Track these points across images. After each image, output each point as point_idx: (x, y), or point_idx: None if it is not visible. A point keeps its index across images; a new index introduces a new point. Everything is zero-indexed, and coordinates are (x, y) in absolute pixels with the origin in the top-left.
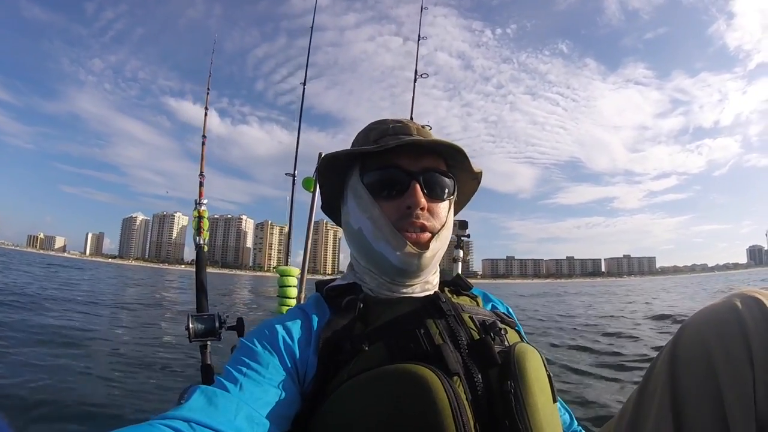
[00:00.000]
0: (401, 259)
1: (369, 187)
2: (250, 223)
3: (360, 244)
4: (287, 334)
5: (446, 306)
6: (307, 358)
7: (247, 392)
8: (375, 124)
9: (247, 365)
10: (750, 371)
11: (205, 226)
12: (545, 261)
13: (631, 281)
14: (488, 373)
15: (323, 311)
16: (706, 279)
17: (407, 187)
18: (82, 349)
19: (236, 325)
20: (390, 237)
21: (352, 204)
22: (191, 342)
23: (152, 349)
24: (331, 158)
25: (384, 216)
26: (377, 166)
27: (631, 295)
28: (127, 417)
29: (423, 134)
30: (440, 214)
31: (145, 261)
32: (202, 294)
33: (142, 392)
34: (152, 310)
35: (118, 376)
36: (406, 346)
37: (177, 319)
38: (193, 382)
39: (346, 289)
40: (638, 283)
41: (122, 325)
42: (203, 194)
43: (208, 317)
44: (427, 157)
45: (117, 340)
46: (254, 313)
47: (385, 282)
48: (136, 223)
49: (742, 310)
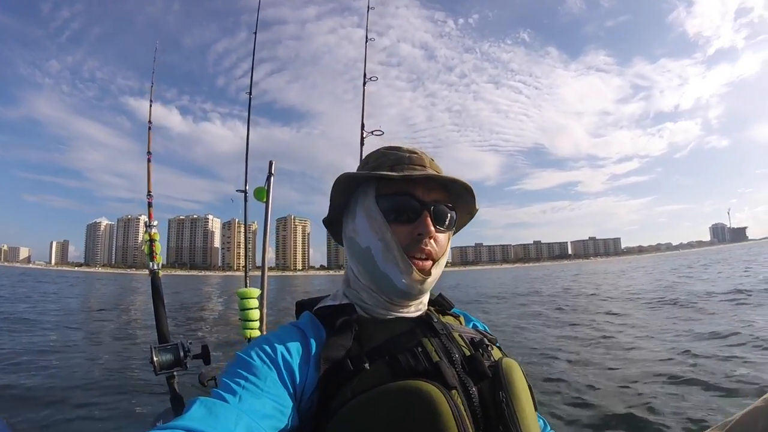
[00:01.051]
0: (406, 284)
1: (384, 210)
2: (217, 223)
3: (366, 263)
4: (286, 350)
5: (438, 325)
6: (305, 376)
7: (246, 404)
8: (388, 149)
9: (245, 378)
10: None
11: (157, 250)
12: (513, 246)
13: (597, 263)
14: (481, 386)
15: (319, 330)
16: (667, 259)
17: (419, 216)
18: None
19: (201, 353)
20: (399, 261)
21: (362, 223)
22: (157, 375)
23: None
24: (349, 179)
25: (395, 240)
26: (394, 191)
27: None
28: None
29: (434, 167)
30: (443, 243)
31: (112, 267)
32: (163, 322)
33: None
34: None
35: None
36: (407, 364)
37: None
38: (165, 408)
39: (338, 309)
40: (599, 266)
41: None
42: (152, 216)
43: (172, 347)
44: (438, 190)
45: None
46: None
47: (383, 301)
48: (100, 229)
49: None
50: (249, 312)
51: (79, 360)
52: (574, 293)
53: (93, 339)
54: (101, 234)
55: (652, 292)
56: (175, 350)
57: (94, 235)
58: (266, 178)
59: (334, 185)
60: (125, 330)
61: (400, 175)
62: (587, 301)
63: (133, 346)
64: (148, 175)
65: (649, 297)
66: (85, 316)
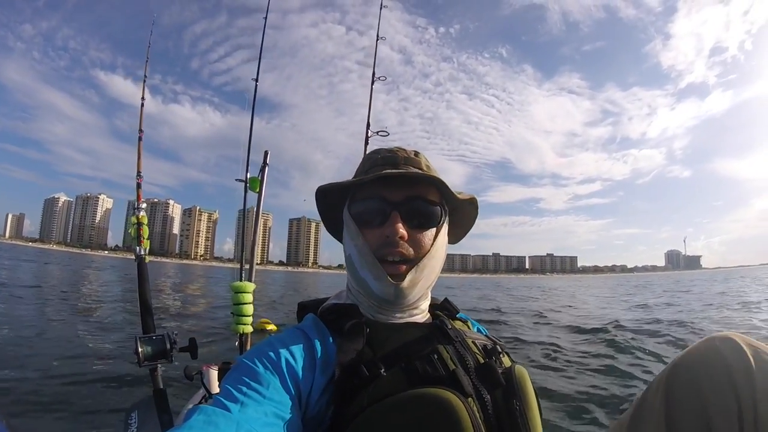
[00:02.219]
0: (380, 289)
1: (355, 216)
2: (178, 209)
3: (350, 270)
4: (290, 355)
5: (453, 332)
6: (311, 381)
7: (248, 413)
8: (371, 153)
9: (248, 385)
10: (735, 405)
11: (145, 234)
12: (472, 256)
13: (552, 279)
14: (494, 394)
15: (324, 333)
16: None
17: (387, 218)
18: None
19: (189, 346)
20: (371, 266)
21: (345, 232)
22: (141, 366)
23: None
24: (324, 191)
25: (367, 245)
26: (363, 196)
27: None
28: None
29: (412, 162)
30: (423, 243)
31: (66, 245)
32: (148, 312)
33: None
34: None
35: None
36: (423, 371)
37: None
38: (140, 399)
39: (344, 311)
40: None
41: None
42: (141, 197)
43: (158, 338)
44: (414, 187)
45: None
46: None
47: (374, 305)
48: (58, 205)
49: (725, 351)
50: (243, 307)
51: (54, 347)
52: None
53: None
54: (59, 210)
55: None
56: (161, 342)
57: (52, 210)
58: (260, 168)
59: (315, 200)
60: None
61: (354, 180)
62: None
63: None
64: (138, 153)
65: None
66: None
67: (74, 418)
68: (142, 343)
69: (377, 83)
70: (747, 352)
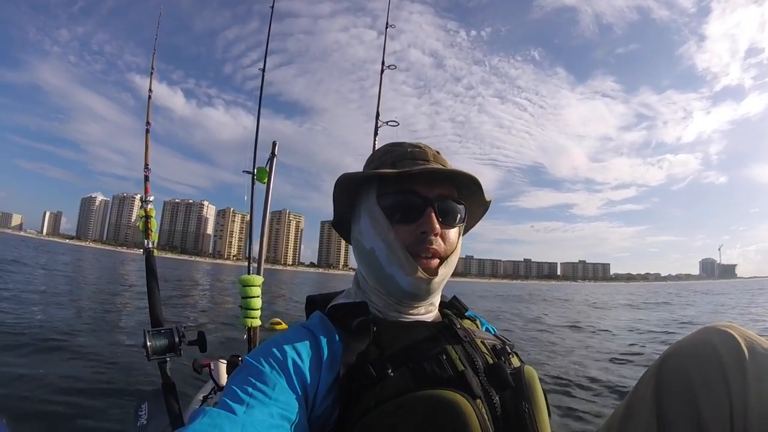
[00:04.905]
0: (412, 284)
1: (385, 210)
2: (212, 210)
3: (371, 265)
4: (296, 355)
5: (461, 332)
6: (317, 380)
7: (253, 415)
8: (391, 146)
9: (254, 386)
10: (727, 399)
11: (153, 227)
12: (503, 262)
13: (585, 286)
14: (503, 395)
15: (330, 332)
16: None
17: (422, 213)
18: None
19: (197, 339)
20: (404, 261)
21: (366, 224)
22: (150, 360)
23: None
24: (348, 179)
25: (398, 240)
26: (394, 190)
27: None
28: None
29: (439, 160)
30: (452, 240)
31: (102, 243)
32: (156, 305)
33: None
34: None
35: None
36: (431, 372)
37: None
38: (149, 391)
39: (352, 309)
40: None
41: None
42: (149, 190)
43: (166, 331)
44: (443, 184)
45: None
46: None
47: (392, 303)
48: (95, 204)
49: (718, 344)
50: (251, 300)
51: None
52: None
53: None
54: (95, 209)
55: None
56: (170, 335)
57: (88, 209)
58: (268, 158)
59: (335, 187)
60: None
61: (395, 171)
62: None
63: (117, 329)
64: (146, 146)
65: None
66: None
67: (81, 410)
68: (151, 336)
69: (395, 93)
70: (741, 345)
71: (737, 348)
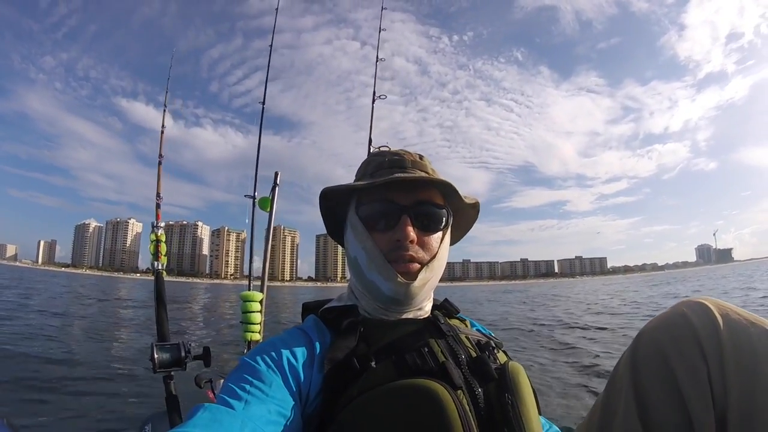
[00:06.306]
0: (391, 289)
1: (363, 219)
2: (206, 230)
3: (356, 272)
4: (291, 354)
5: (445, 327)
6: (310, 378)
7: (252, 410)
8: (374, 156)
9: (251, 383)
10: (704, 366)
11: (163, 251)
12: (500, 263)
13: (582, 281)
14: (487, 387)
15: (323, 332)
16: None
17: (398, 221)
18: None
19: (202, 354)
20: (381, 268)
21: (349, 234)
22: (156, 373)
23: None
24: (329, 192)
25: (376, 248)
26: (371, 199)
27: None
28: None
29: (419, 166)
30: (431, 246)
31: (98, 269)
32: (164, 322)
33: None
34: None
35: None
36: (413, 363)
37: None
38: (154, 412)
39: (343, 311)
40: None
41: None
42: (160, 217)
43: (173, 346)
44: (421, 190)
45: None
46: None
47: (378, 307)
48: (89, 230)
49: (690, 315)
50: (251, 315)
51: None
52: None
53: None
54: (89, 235)
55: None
56: (176, 350)
57: (83, 236)
58: (271, 188)
59: (319, 201)
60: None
61: (363, 183)
62: None
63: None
64: (158, 177)
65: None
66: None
67: (87, 424)
68: (158, 350)
69: (381, 102)
70: (715, 313)
71: (710, 315)
